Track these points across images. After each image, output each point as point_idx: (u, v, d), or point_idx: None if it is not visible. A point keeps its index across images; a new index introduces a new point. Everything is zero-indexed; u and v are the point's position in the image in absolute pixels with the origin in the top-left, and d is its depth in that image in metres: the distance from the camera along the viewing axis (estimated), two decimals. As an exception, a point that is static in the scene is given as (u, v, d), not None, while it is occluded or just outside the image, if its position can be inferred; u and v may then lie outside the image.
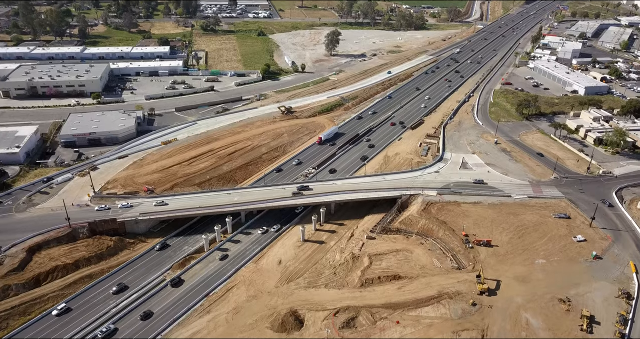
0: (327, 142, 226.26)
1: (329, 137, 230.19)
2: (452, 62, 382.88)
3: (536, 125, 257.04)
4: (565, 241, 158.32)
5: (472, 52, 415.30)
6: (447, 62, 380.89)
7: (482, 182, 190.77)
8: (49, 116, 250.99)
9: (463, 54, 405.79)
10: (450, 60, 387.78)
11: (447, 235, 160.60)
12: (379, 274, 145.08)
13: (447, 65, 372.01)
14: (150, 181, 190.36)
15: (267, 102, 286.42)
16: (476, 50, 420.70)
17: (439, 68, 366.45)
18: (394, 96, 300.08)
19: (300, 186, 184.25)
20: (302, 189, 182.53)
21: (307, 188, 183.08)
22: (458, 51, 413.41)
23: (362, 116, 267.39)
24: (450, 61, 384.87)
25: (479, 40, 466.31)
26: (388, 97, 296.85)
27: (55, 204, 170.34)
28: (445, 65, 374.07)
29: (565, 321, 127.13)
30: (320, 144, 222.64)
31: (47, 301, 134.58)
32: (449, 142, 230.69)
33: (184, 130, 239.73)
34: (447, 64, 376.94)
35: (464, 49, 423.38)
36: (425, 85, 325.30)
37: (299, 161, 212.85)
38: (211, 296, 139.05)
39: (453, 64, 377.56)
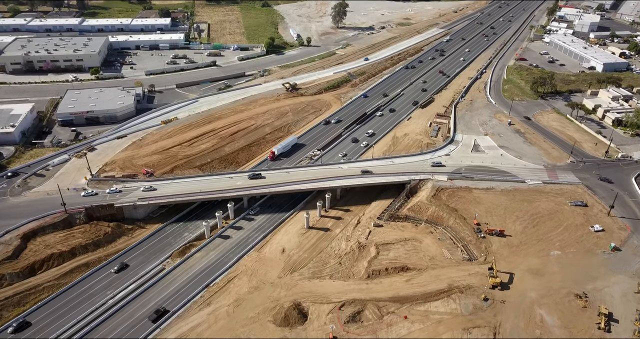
0: (281, 156, 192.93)
1: (286, 150, 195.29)
2: (464, 35, 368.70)
3: (551, 104, 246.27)
4: (582, 231, 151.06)
5: (482, 26, 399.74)
6: (460, 35, 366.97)
7: (440, 164, 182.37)
8: (46, 93, 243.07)
9: (473, 29, 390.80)
10: (461, 35, 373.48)
11: (458, 223, 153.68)
12: (386, 265, 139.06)
13: (462, 39, 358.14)
14: (149, 163, 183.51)
15: (271, 78, 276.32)
16: (487, 24, 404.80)
17: (451, 40, 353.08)
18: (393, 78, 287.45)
19: (252, 174, 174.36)
20: (254, 177, 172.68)
21: (259, 176, 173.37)
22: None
23: (368, 94, 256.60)
24: (462, 34, 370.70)
25: (495, 10, 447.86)
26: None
27: (51, 187, 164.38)
28: (459, 38, 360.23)
29: (581, 318, 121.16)
30: (272, 159, 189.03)
31: (42, 292, 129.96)
32: (460, 123, 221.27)
33: (185, 108, 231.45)
34: (461, 37, 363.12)
35: (475, 24, 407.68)
36: (435, 61, 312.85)
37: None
38: (212, 287, 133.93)
39: (465, 38, 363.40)
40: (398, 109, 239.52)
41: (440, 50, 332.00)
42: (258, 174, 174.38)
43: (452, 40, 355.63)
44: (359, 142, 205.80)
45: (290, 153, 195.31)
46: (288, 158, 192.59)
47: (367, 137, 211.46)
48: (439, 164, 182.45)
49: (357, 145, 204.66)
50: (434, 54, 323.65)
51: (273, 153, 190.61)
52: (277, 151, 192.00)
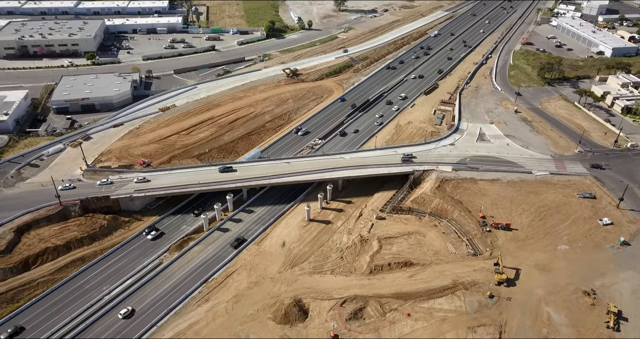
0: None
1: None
2: (470, 17, 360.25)
3: (559, 91, 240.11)
4: (590, 225, 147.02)
5: (488, 8, 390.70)
6: (465, 18, 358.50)
7: (411, 156, 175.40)
8: (41, 78, 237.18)
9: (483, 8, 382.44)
10: (469, 15, 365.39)
11: (463, 216, 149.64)
12: (389, 260, 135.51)
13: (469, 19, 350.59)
14: (146, 153, 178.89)
15: (271, 63, 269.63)
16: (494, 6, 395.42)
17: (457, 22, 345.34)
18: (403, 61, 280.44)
19: (222, 167, 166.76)
20: (225, 170, 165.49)
21: (230, 169, 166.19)
22: None
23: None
24: (468, 17, 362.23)
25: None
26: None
27: (45, 178, 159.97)
28: (465, 19, 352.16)
29: (589, 316, 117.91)
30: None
31: (36, 287, 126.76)
32: (465, 111, 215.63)
33: (183, 95, 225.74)
34: (466, 18, 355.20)
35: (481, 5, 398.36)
36: (440, 45, 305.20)
37: (303, 131, 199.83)
38: (210, 283, 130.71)
39: (471, 19, 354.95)
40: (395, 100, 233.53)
41: (447, 33, 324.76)
42: (229, 167, 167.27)
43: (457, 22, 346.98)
44: (392, 104, 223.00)
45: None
46: (288, 149, 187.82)
47: (400, 100, 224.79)
48: (410, 155, 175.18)
49: (390, 107, 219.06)
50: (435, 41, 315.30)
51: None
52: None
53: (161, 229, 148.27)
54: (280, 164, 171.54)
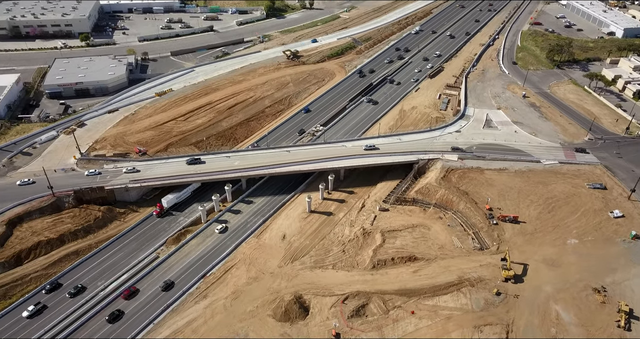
0: (170, 210, 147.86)
1: (181, 199, 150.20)
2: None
3: (568, 74, 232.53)
4: (601, 217, 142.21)
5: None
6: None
7: (374, 147, 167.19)
8: (33, 61, 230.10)
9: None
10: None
11: (469, 208, 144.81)
12: (392, 254, 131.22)
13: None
14: (142, 140, 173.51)
15: (271, 44, 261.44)
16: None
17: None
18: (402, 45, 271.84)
19: (190, 159, 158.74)
20: (192, 162, 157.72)
21: (199, 161, 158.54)
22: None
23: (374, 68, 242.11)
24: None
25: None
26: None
27: (38, 167, 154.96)
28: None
29: (600, 315, 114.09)
30: (159, 215, 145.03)
31: (29, 283, 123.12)
32: (472, 95, 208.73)
33: (180, 79, 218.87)
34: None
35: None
36: (446, 25, 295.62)
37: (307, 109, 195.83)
38: (208, 278, 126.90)
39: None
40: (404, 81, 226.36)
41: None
42: (197, 159, 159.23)
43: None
44: (428, 61, 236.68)
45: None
46: (288, 136, 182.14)
47: (435, 57, 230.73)
48: (372, 147, 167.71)
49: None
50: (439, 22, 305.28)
51: (161, 207, 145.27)
52: (166, 204, 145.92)
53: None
54: (280, 153, 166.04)
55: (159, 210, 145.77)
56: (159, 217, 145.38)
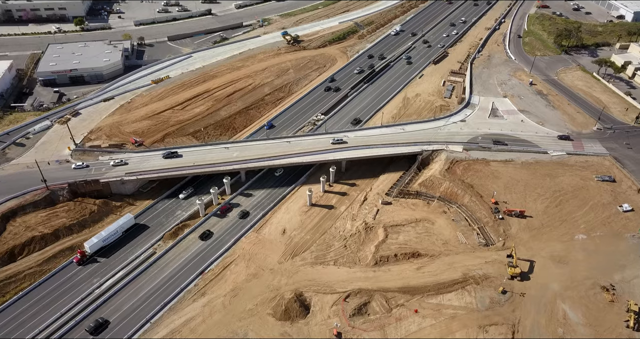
0: (101, 251, 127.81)
1: (110, 240, 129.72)
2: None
3: (576, 60, 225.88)
4: (610, 211, 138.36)
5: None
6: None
7: (341, 141, 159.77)
8: (26, 46, 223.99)
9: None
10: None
11: (474, 202, 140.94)
12: (395, 250, 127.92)
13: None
14: (138, 130, 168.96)
15: (271, 29, 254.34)
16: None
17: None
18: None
19: (167, 153, 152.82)
20: (169, 156, 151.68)
21: (175, 155, 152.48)
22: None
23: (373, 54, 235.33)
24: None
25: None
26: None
27: (32, 159, 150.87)
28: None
29: (608, 314, 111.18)
30: (81, 263, 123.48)
31: (23, 280, 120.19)
32: (477, 82, 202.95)
33: (177, 65, 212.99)
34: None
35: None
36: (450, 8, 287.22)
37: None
38: (206, 275, 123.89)
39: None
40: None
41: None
42: (174, 152, 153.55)
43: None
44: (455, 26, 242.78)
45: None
46: (288, 127, 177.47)
47: (461, 23, 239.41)
48: (339, 140, 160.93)
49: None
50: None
51: (83, 254, 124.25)
52: (90, 248, 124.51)
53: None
54: (281, 144, 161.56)
55: (80, 256, 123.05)
56: (81, 265, 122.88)
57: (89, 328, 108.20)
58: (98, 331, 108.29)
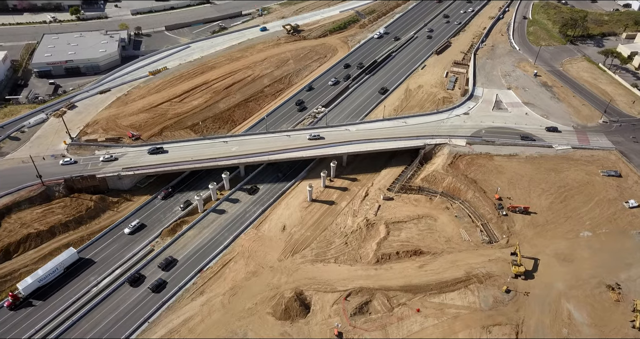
0: (37, 292, 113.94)
1: (47, 280, 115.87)
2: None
3: (582, 50, 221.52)
4: (615, 207, 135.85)
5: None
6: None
7: (318, 137, 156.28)
8: (21, 36, 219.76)
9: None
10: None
11: (477, 198, 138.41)
12: (397, 248, 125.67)
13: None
14: (135, 124, 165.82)
15: (271, 18, 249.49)
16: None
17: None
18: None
19: (152, 148, 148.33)
20: (154, 152, 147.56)
21: (161, 151, 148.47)
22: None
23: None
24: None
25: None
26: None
27: (27, 153, 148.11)
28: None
29: (614, 314, 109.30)
30: (13, 307, 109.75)
31: (18, 278, 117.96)
32: (481, 74, 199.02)
33: (175, 56, 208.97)
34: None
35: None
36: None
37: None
38: (205, 272, 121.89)
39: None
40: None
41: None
42: (159, 148, 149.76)
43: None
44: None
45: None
46: (288, 119, 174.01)
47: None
48: (317, 136, 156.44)
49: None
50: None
51: (15, 297, 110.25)
52: (23, 291, 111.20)
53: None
54: (280, 138, 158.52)
55: (12, 300, 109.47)
56: (12, 309, 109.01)
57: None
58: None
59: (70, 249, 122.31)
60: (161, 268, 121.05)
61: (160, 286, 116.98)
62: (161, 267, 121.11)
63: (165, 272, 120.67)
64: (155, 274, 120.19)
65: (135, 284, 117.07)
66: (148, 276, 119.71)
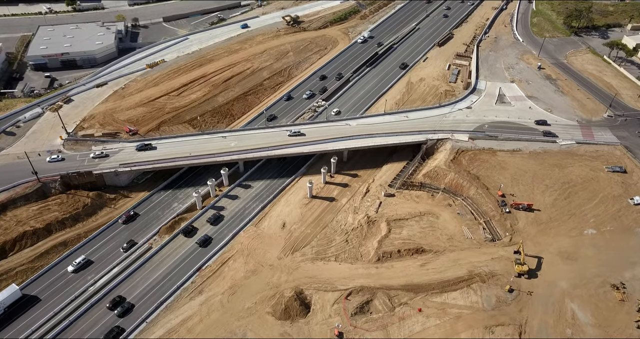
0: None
1: None
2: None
3: (586, 42, 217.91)
4: (620, 204, 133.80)
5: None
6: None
7: (299, 133, 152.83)
8: (16, 28, 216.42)
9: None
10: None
11: (480, 194, 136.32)
12: (398, 246, 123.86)
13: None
14: (133, 118, 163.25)
15: (270, 9, 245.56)
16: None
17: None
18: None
19: (140, 144, 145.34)
20: (142, 148, 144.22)
21: (149, 147, 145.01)
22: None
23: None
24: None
25: None
26: None
27: (22, 148, 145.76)
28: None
29: (618, 314, 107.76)
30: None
31: (14, 277, 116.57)
32: (483, 66, 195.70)
33: (173, 48, 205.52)
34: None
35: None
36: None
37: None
38: (204, 271, 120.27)
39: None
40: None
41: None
42: (147, 144, 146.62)
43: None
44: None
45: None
46: (288, 113, 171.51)
47: None
48: (297, 132, 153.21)
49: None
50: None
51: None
52: None
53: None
54: (280, 132, 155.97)
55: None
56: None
57: None
58: None
59: (12, 286, 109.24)
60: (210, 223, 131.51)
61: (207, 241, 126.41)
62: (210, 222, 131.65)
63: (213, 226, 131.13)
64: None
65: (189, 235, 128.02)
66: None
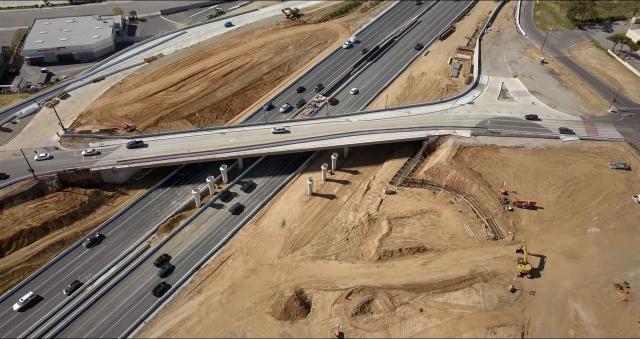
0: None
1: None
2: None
3: (590, 35, 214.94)
4: (624, 202, 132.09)
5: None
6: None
7: (284, 131, 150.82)
8: (12, 21, 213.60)
9: None
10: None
11: (482, 192, 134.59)
12: (399, 245, 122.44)
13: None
14: (130, 114, 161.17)
15: (269, 2, 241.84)
16: None
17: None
18: None
19: (131, 142, 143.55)
20: (134, 146, 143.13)
21: (141, 145, 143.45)
22: None
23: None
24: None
25: None
26: None
27: (18, 145, 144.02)
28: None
29: (622, 315, 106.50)
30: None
31: (11, 276, 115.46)
32: (486, 60, 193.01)
33: (171, 42, 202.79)
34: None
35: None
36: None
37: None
38: (203, 270, 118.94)
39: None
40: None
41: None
42: (139, 141, 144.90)
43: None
44: None
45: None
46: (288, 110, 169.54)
47: None
48: (282, 130, 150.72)
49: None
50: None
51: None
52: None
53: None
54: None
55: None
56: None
57: None
58: None
59: None
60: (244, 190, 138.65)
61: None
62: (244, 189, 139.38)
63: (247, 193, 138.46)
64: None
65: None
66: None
